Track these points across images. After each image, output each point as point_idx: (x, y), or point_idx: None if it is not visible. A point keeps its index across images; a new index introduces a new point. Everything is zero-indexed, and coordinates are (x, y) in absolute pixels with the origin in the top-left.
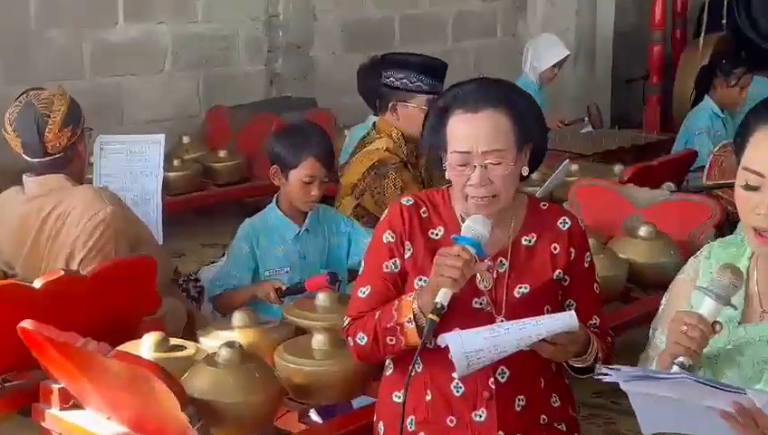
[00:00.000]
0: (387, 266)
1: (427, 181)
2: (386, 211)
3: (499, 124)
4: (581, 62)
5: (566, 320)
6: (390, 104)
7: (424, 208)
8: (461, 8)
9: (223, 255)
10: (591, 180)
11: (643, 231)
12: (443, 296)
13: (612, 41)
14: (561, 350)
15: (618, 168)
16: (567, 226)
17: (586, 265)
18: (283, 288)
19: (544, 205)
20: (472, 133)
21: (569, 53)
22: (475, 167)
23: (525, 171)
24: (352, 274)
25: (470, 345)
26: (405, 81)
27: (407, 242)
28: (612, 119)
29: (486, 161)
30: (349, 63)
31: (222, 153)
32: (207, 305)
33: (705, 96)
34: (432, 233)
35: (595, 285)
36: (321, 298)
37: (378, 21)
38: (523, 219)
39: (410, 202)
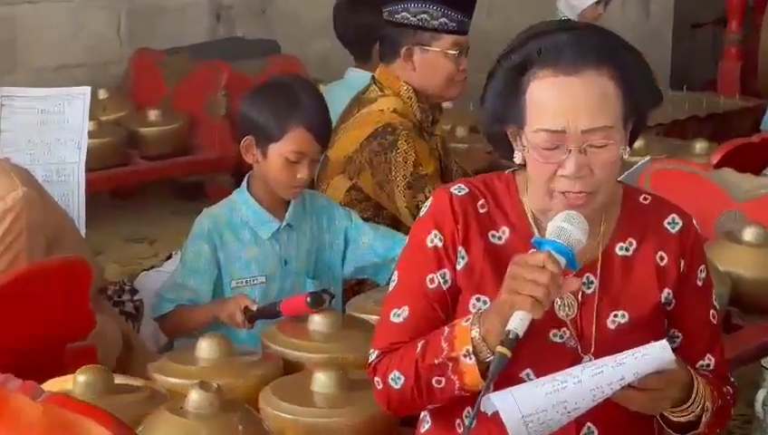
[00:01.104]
0: (432, 280)
1: (443, 156)
2: (427, 204)
3: (606, 92)
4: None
5: (656, 353)
6: (404, 49)
7: (482, 201)
8: None
9: (168, 257)
10: (670, 162)
11: (749, 234)
12: (518, 323)
13: None
14: (656, 397)
15: (700, 145)
16: (677, 227)
17: (700, 282)
18: (254, 308)
19: (645, 198)
20: (569, 105)
21: None
22: (569, 151)
23: (627, 154)
24: (350, 286)
25: (528, 406)
26: (425, 16)
27: (459, 247)
28: (673, 77)
29: (587, 144)
30: None
31: (152, 114)
32: (147, 326)
33: None
34: (493, 235)
35: (711, 311)
36: (319, 320)
37: None
38: (617, 219)
39: (464, 191)
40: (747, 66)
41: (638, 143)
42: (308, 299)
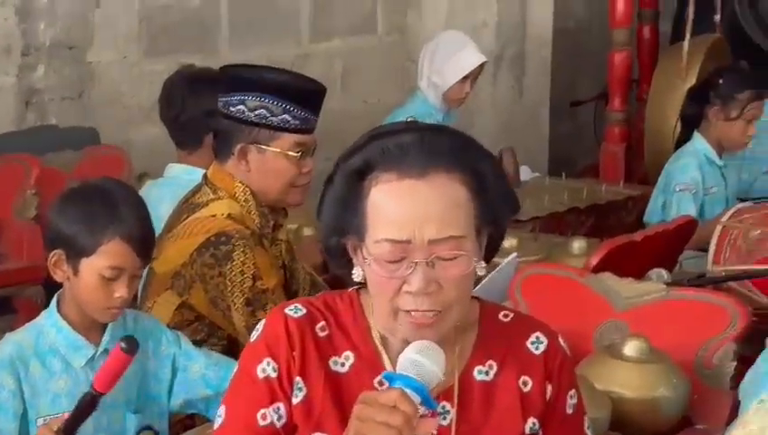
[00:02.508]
0: (264, 417)
1: (290, 264)
2: (259, 327)
3: (455, 197)
4: (505, 74)
5: None
6: (238, 147)
7: (322, 323)
8: None
9: None
10: (542, 266)
11: (630, 348)
12: None
13: (551, 43)
14: None
15: (578, 244)
16: (542, 347)
17: (569, 410)
18: (65, 417)
19: (506, 315)
20: (415, 212)
21: (485, 59)
22: (415, 264)
23: (482, 269)
24: (180, 420)
25: None
26: (263, 112)
27: (296, 377)
28: (551, 162)
29: (435, 256)
30: (150, 75)
31: None
32: None
33: (695, 133)
34: (335, 362)
35: None
36: None
37: (195, 9)
38: (476, 339)
39: (301, 312)
40: (632, 148)
41: (509, 242)
42: (122, 346)
